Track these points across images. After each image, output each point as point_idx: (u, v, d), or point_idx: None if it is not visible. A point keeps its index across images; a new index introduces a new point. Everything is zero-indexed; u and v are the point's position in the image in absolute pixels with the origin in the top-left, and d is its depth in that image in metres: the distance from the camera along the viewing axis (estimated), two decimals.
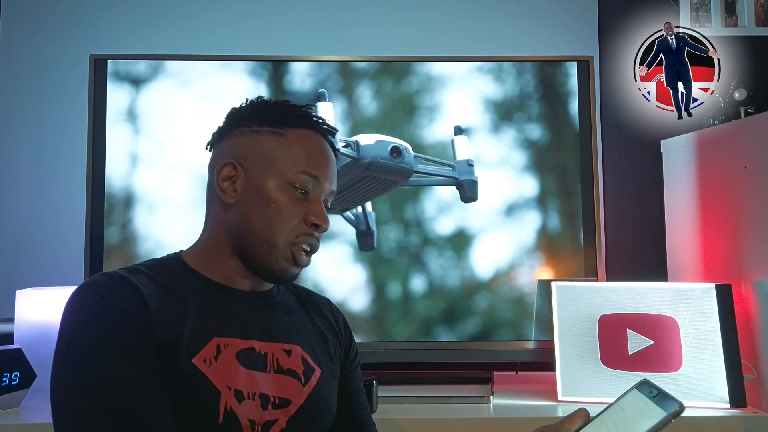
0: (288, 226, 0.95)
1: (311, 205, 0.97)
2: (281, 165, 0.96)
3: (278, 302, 1.02)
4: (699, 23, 2.05)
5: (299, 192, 0.96)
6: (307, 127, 1.00)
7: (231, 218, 0.97)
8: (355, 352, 1.10)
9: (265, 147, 0.97)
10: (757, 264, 1.51)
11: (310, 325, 1.04)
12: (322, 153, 0.99)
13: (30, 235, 1.94)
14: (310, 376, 0.97)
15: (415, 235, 1.72)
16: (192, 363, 0.87)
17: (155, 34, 1.99)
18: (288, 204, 0.95)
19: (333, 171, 1.01)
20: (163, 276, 0.94)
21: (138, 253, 1.68)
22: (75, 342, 0.85)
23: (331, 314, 1.09)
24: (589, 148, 1.72)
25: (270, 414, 0.91)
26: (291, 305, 1.04)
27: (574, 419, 0.80)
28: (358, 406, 1.07)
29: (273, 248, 0.95)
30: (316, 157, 0.98)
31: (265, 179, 0.96)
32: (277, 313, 1.01)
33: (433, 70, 1.75)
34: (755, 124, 1.59)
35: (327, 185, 0.99)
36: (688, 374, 1.47)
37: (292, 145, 0.97)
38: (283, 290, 1.06)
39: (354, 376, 1.08)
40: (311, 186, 0.97)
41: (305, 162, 0.97)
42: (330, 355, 1.03)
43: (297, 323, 1.02)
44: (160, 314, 0.88)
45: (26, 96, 1.99)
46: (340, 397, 1.04)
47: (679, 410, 0.73)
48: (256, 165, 0.96)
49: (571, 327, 1.56)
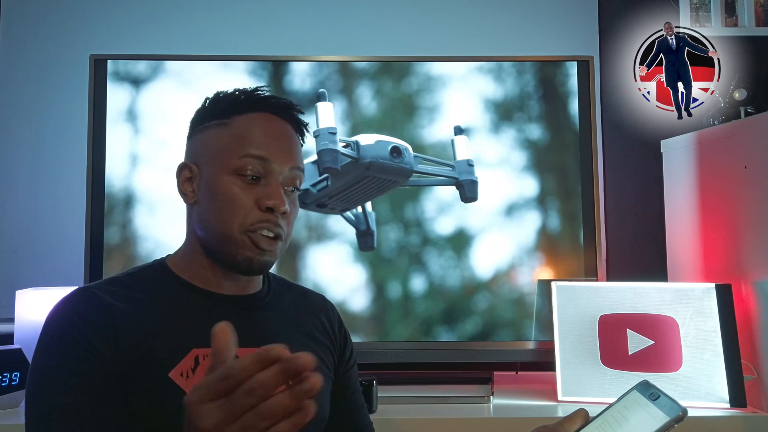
0: (240, 215, 0.91)
1: (264, 188, 0.92)
2: (226, 155, 0.93)
3: (267, 304, 1.00)
4: (699, 23, 2.05)
5: (249, 178, 0.92)
6: (254, 110, 0.96)
7: (195, 219, 0.96)
8: (350, 351, 1.08)
9: (212, 141, 0.95)
10: (757, 264, 1.51)
11: (301, 326, 1.02)
12: (269, 132, 0.94)
13: (30, 235, 1.94)
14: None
15: (415, 235, 1.72)
16: (168, 377, 0.86)
17: (155, 34, 1.99)
18: (237, 193, 0.92)
19: (289, 148, 0.95)
20: (145, 286, 0.94)
21: (138, 253, 1.68)
22: (34, 366, 0.86)
23: (325, 315, 1.07)
24: (589, 148, 1.72)
25: None
26: (283, 305, 1.02)
27: (573, 420, 0.80)
28: (355, 406, 1.07)
29: (229, 240, 0.92)
30: (260, 137, 0.93)
31: (214, 173, 0.93)
32: (265, 316, 0.98)
33: (433, 70, 1.75)
34: (755, 124, 1.59)
35: (281, 165, 0.93)
36: (688, 374, 1.47)
37: (235, 131, 0.94)
38: (275, 290, 1.03)
39: (350, 376, 1.07)
40: (260, 169, 0.92)
41: (249, 145, 0.93)
42: (321, 357, 1.01)
43: (287, 325, 1.00)
44: (132, 331, 0.87)
45: (26, 96, 1.99)
46: (337, 397, 1.03)
47: (682, 415, 0.72)
48: (206, 161, 0.95)
49: (571, 327, 1.56)
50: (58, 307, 0.89)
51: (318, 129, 1.68)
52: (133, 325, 0.88)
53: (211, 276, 0.96)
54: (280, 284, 1.06)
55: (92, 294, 0.90)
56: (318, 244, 1.71)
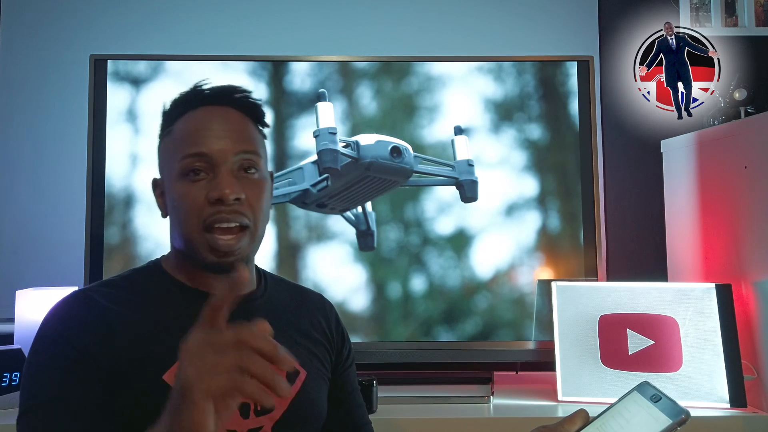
0: (195, 215, 0.90)
1: (210, 181, 0.90)
2: (172, 162, 0.93)
3: (262, 304, 0.99)
4: (699, 23, 2.05)
5: (194, 176, 0.90)
6: (192, 108, 0.94)
7: (171, 231, 0.97)
8: (348, 351, 1.08)
9: (163, 153, 0.96)
10: (757, 264, 1.51)
11: (298, 325, 1.01)
12: (204, 126, 0.92)
13: (30, 235, 1.94)
14: (294, 379, 0.95)
15: (415, 235, 1.72)
16: (162, 380, 0.86)
17: (155, 35, 1.99)
18: (186, 194, 0.90)
19: (230, 134, 0.92)
20: (140, 289, 0.94)
21: (138, 253, 1.68)
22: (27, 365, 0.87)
23: (322, 314, 1.06)
24: (589, 148, 1.72)
25: (253, 422, 0.90)
26: (279, 304, 1.01)
27: (573, 420, 0.80)
28: (354, 405, 1.07)
29: (193, 243, 0.91)
30: (193, 134, 0.92)
31: (169, 184, 0.94)
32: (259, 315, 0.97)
33: (433, 70, 1.75)
34: (755, 124, 1.59)
35: (224, 154, 0.91)
36: (688, 374, 1.47)
37: (176, 137, 0.94)
38: (272, 288, 1.03)
39: (348, 375, 1.07)
40: (201, 164, 0.90)
41: (186, 145, 0.91)
42: (318, 356, 1.01)
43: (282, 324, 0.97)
44: (127, 333, 0.88)
45: (26, 96, 1.99)
46: (336, 396, 1.03)
47: (685, 418, 0.71)
48: (164, 174, 0.96)
49: (571, 327, 1.56)
50: (54, 310, 0.90)
51: (318, 129, 1.68)
52: (128, 328, 0.88)
53: (201, 276, 0.96)
54: (277, 283, 1.06)
55: (87, 297, 0.91)
56: (318, 244, 1.71)
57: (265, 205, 0.95)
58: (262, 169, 0.95)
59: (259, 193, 0.93)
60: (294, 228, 1.71)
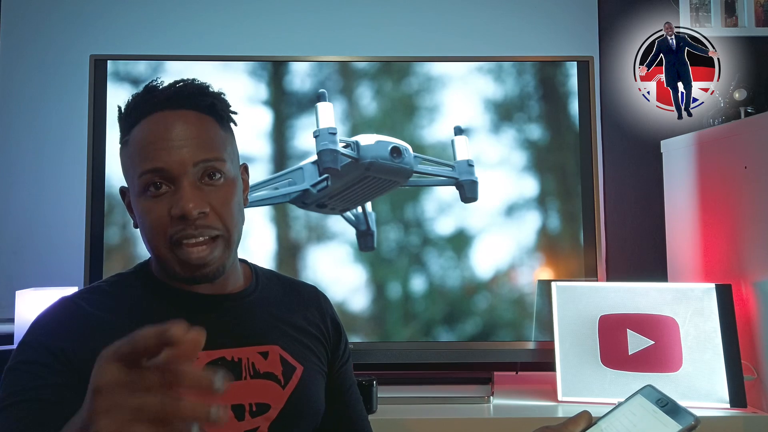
0: (161, 233, 0.87)
1: (172, 195, 0.86)
2: (132, 177, 0.89)
3: (254, 301, 0.97)
4: (699, 23, 2.05)
5: (153, 190, 0.86)
6: (147, 114, 0.88)
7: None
8: (344, 345, 1.06)
9: (123, 165, 0.92)
10: (757, 264, 1.51)
11: (291, 320, 1.00)
12: (159, 136, 0.86)
13: (30, 235, 1.94)
14: (290, 375, 0.94)
15: (415, 235, 1.72)
16: None
17: (155, 35, 1.99)
18: (150, 211, 0.87)
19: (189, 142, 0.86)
20: (126, 293, 0.93)
21: (138, 253, 1.68)
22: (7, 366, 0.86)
23: (316, 307, 1.04)
24: (589, 149, 1.72)
25: (249, 423, 0.89)
26: (272, 300, 1.00)
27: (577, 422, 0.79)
28: (351, 401, 1.06)
29: (163, 259, 0.89)
30: (150, 146, 0.86)
31: (133, 198, 0.90)
32: (251, 312, 0.96)
33: (433, 70, 1.75)
34: (755, 124, 1.59)
35: (182, 165, 0.85)
36: (688, 374, 1.47)
37: (132, 149, 0.88)
38: (263, 284, 1.01)
39: (345, 371, 1.06)
40: (159, 179, 0.86)
41: (142, 160, 0.86)
42: (313, 351, 1.00)
43: (276, 320, 0.98)
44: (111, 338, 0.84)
45: (27, 96, 1.99)
46: (333, 392, 1.03)
47: (695, 424, 0.68)
48: (128, 186, 0.93)
49: (571, 327, 1.56)
50: (39, 317, 0.90)
51: (318, 129, 1.69)
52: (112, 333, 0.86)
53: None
54: (268, 279, 1.04)
55: (72, 303, 0.90)
56: (318, 244, 1.71)
57: (235, 208, 0.90)
58: (228, 171, 0.90)
59: (227, 198, 0.89)
60: (294, 228, 1.71)
